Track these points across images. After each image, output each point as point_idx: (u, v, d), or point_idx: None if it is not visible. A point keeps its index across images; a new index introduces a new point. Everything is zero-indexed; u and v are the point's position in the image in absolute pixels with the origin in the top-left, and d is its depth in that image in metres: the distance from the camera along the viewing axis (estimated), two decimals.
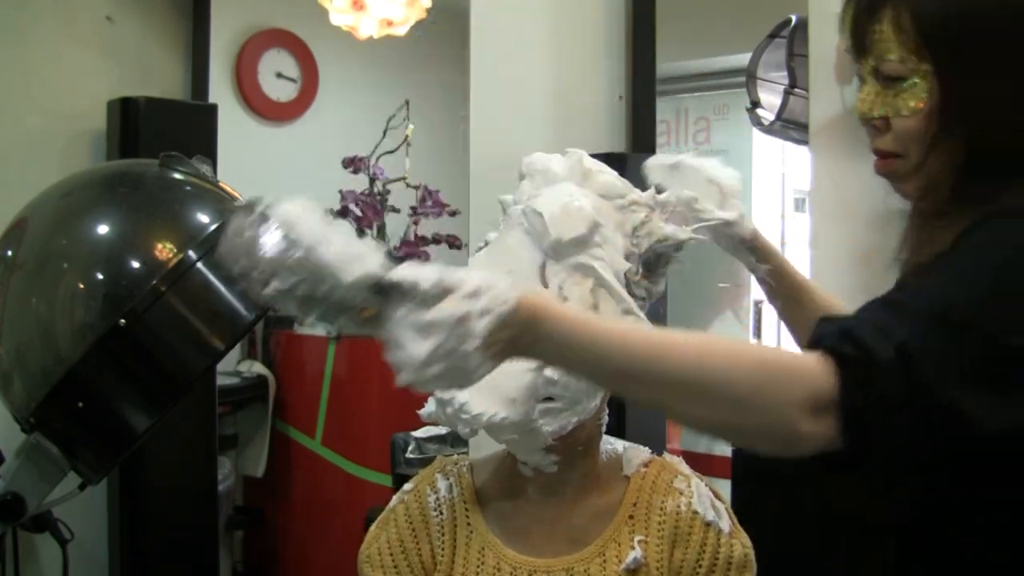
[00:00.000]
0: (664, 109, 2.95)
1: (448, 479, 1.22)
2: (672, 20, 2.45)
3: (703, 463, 1.36)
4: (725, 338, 0.85)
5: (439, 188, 3.07)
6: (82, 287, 1.30)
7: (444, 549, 1.17)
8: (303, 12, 3.64)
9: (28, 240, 1.35)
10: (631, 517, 1.15)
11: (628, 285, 1.14)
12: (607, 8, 2.37)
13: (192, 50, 3.01)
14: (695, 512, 1.14)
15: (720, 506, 1.17)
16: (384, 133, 3.11)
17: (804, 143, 1.99)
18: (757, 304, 3.49)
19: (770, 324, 3.49)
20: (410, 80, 3.96)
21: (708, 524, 1.14)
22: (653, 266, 1.19)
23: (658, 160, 1.23)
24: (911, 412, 0.74)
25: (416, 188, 3.09)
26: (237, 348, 3.36)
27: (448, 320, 0.76)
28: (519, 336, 0.79)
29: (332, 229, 0.82)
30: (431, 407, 1.11)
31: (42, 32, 2.71)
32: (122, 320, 1.25)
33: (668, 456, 1.23)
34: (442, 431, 2.51)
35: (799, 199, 3.53)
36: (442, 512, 1.19)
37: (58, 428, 1.32)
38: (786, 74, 2.22)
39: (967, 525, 0.88)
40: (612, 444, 1.23)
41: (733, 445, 1.20)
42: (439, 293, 0.77)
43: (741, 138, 3.48)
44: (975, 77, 0.87)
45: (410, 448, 2.51)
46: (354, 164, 3.07)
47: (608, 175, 1.20)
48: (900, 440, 0.75)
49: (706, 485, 1.19)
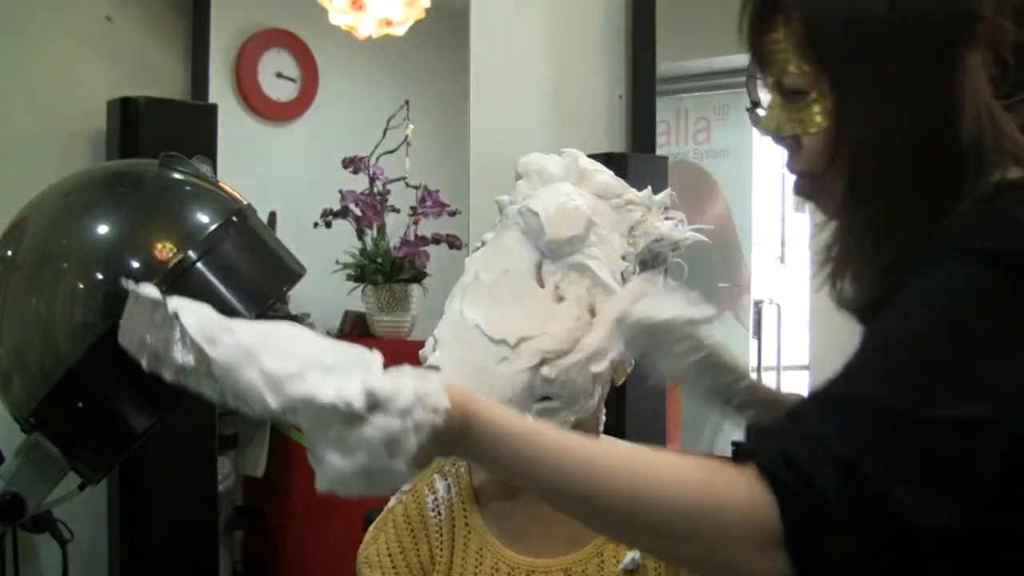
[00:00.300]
0: (664, 109, 2.95)
1: (446, 479, 1.22)
2: (672, 20, 2.45)
3: None
4: (665, 457, 0.76)
5: (439, 188, 3.07)
6: (82, 287, 1.30)
7: (443, 549, 1.18)
8: (303, 12, 3.64)
9: (28, 240, 1.35)
10: None
11: (625, 285, 1.14)
12: (607, 8, 2.38)
13: (192, 50, 3.01)
14: None
15: None
16: (384, 133, 3.11)
17: None
18: (757, 304, 3.49)
19: (770, 324, 3.50)
20: (410, 80, 3.96)
21: None
22: (650, 265, 1.19)
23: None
24: (865, 541, 0.67)
25: (416, 188, 3.09)
26: None
27: (377, 441, 0.70)
28: (449, 446, 0.76)
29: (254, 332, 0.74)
30: None
31: (42, 32, 2.71)
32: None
33: None
34: None
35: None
36: (440, 512, 1.19)
37: (58, 428, 1.32)
38: None
39: None
40: None
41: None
42: (367, 410, 0.71)
43: (741, 138, 3.48)
44: (863, 90, 0.79)
45: None
46: (354, 164, 3.07)
47: (604, 175, 1.20)
48: (858, 567, 0.69)
49: None
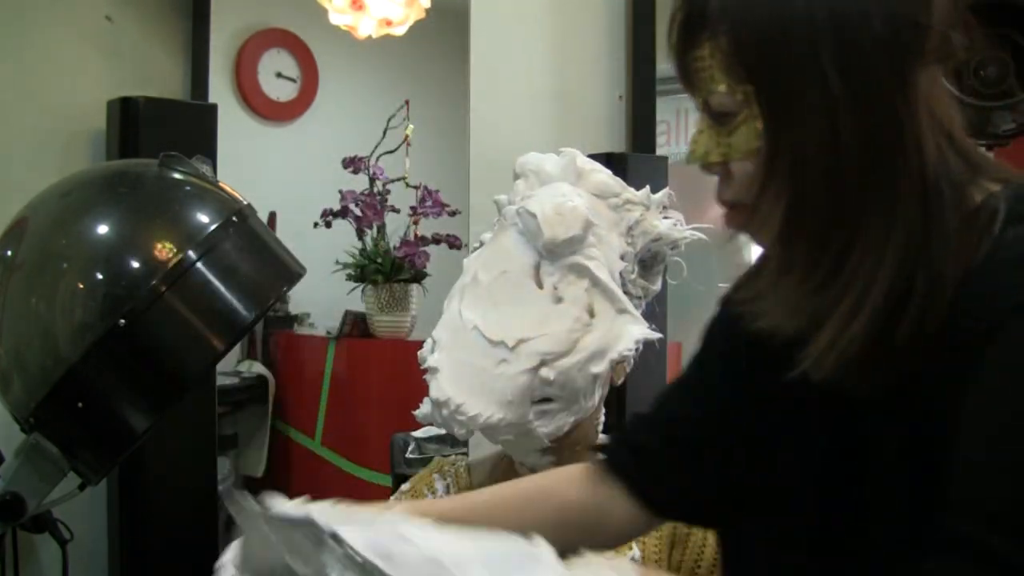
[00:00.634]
0: (664, 109, 2.94)
1: (446, 480, 1.22)
2: None
3: None
4: None
5: (439, 188, 3.07)
6: (82, 287, 1.30)
7: None
8: (303, 12, 3.64)
9: (27, 240, 1.35)
10: None
11: (624, 284, 1.14)
12: (607, 8, 2.38)
13: (192, 50, 3.01)
14: None
15: None
16: (384, 133, 3.11)
17: None
18: None
19: None
20: (410, 80, 3.96)
21: None
22: (649, 265, 1.19)
23: None
24: None
25: (416, 188, 3.09)
26: (237, 348, 3.36)
27: None
28: None
29: None
30: (426, 409, 1.12)
31: (42, 32, 2.71)
32: (122, 320, 1.25)
33: None
34: (442, 431, 2.51)
35: None
36: None
37: (58, 428, 1.32)
38: None
39: None
40: None
41: None
42: None
43: None
44: (801, 109, 0.71)
45: (410, 448, 2.51)
46: (354, 164, 3.07)
47: (602, 174, 1.20)
48: None
49: None
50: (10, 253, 1.35)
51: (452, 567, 0.64)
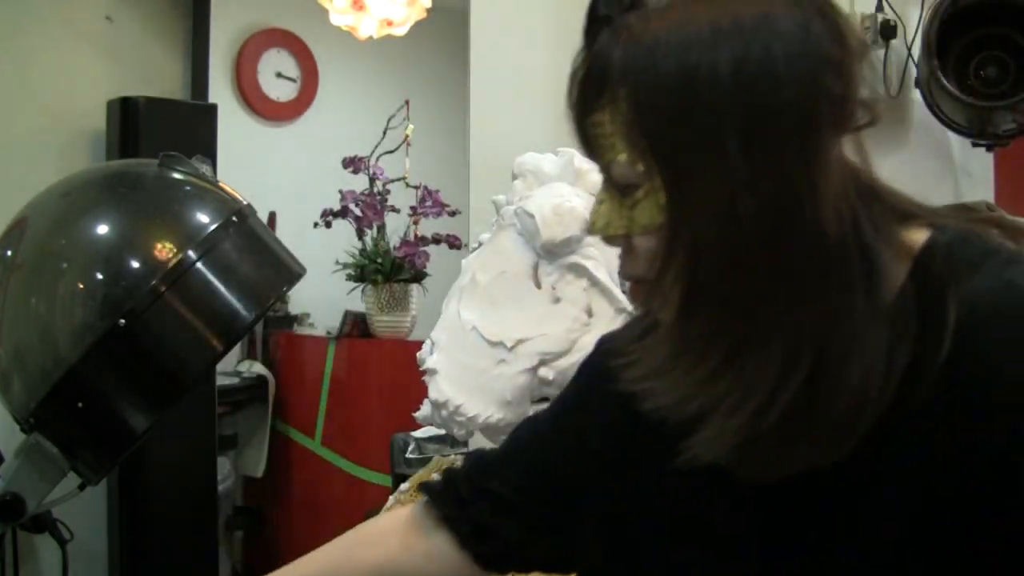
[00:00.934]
0: None
1: None
2: None
3: None
4: None
5: (439, 188, 3.08)
6: (81, 287, 1.30)
7: None
8: (303, 12, 3.65)
9: (27, 240, 1.35)
10: None
11: (622, 284, 1.14)
12: None
13: (192, 50, 3.02)
14: None
15: None
16: (384, 133, 3.11)
17: None
18: None
19: None
20: (410, 80, 3.97)
21: None
22: None
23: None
24: None
25: (416, 188, 3.09)
26: (237, 348, 3.37)
27: None
28: None
29: None
30: (426, 410, 1.12)
31: (42, 32, 2.71)
32: (122, 320, 1.25)
33: None
34: (442, 431, 2.51)
35: None
36: None
37: (58, 428, 1.32)
38: None
39: None
40: None
41: None
42: None
43: None
44: (692, 189, 0.64)
45: (410, 448, 2.51)
46: (354, 164, 3.08)
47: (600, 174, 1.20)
48: None
49: None
50: (10, 253, 1.35)
51: None
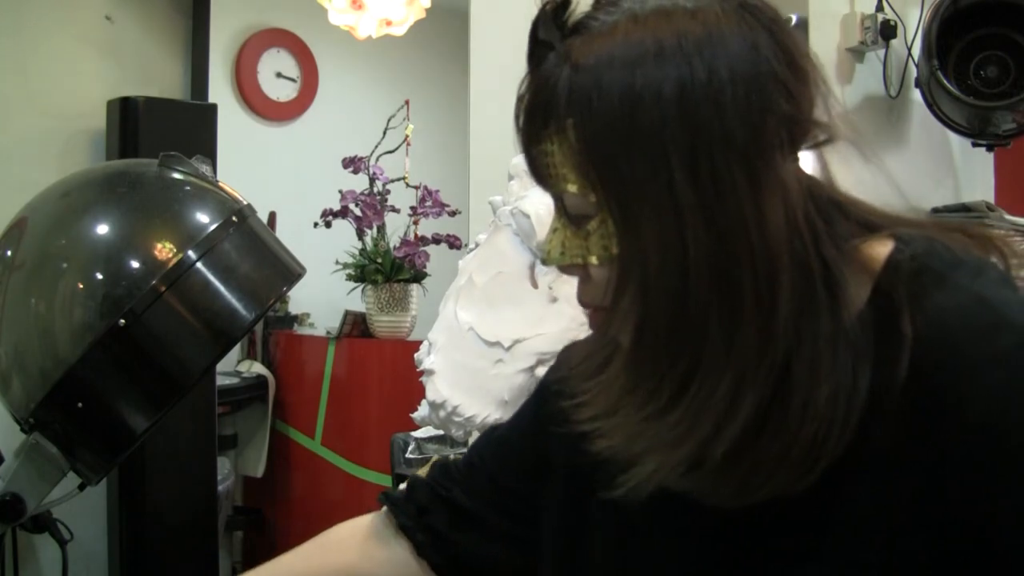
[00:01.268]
0: None
1: None
2: None
3: None
4: None
5: (439, 188, 3.08)
6: (81, 287, 1.30)
7: None
8: (303, 12, 3.65)
9: (27, 240, 1.35)
10: None
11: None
12: None
13: (192, 50, 3.02)
14: None
15: None
16: (384, 133, 3.11)
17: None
18: None
19: None
20: (410, 80, 3.97)
21: None
22: None
23: None
24: None
25: (416, 188, 3.09)
26: (237, 348, 3.37)
27: None
28: None
29: None
30: (424, 411, 1.12)
31: (42, 32, 2.71)
32: (121, 320, 1.25)
33: None
34: (442, 432, 2.51)
35: None
36: None
37: (57, 428, 1.32)
38: None
39: None
40: None
41: None
42: None
43: None
44: (640, 220, 0.62)
45: (410, 448, 2.51)
46: (354, 164, 3.08)
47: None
48: None
49: None
50: (10, 253, 1.35)
51: None
